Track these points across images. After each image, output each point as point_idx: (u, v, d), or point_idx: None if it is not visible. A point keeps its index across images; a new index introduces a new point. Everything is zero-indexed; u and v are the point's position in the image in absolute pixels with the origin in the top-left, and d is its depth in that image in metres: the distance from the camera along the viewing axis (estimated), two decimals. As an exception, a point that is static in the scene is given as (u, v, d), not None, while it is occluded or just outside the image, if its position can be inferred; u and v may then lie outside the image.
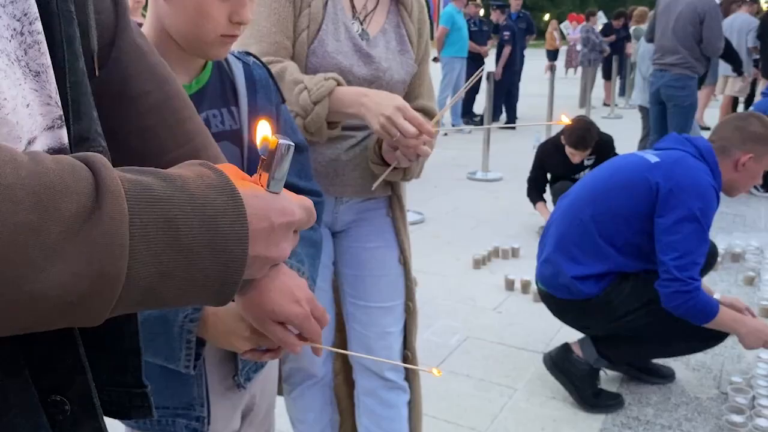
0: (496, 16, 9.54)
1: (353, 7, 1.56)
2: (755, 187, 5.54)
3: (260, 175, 0.61)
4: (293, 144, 0.61)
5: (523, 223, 4.84)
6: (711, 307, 2.30)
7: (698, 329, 2.39)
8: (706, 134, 2.68)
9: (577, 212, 2.53)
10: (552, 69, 8.49)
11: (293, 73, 1.43)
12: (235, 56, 1.17)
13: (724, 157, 2.42)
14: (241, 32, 1.05)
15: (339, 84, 1.43)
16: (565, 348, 2.59)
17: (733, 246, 4.11)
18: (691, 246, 2.29)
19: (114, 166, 0.51)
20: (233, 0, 1.00)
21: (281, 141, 0.60)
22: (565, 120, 1.27)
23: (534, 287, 3.50)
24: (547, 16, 30.03)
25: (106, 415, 0.64)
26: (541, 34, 17.37)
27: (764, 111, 5.46)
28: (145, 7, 5.87)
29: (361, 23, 1.56)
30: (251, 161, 1.11)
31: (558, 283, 2.51)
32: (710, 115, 9.15)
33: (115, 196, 0.47)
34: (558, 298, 2.55)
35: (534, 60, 12.75)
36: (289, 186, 1.20)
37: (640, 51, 5.84)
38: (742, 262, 3.98)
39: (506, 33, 9.43)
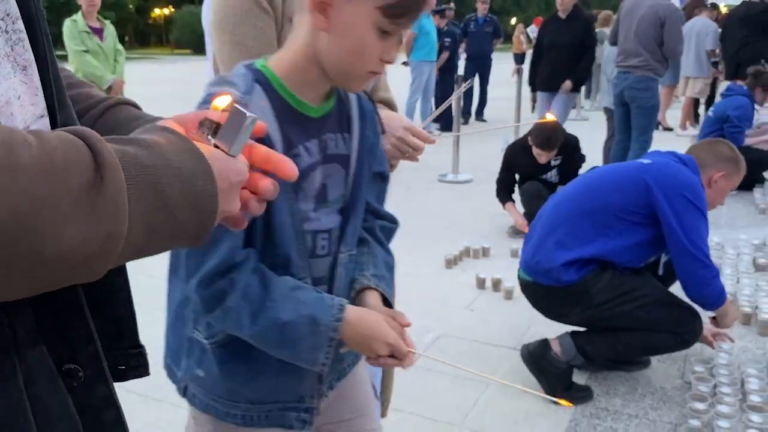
0: (437, 21, 9.65)
1: None
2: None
3: (203, 133, 0.67)
4: (257, 117, 0.68)
5: (493, 223, 4.93)
6: (724, 290, 2.55)
7: (666, 321, 2.54)
8: (668, 135, 2.84)
9: (570, 205, 2.68)
10: (519, 72, 8.63)
11: None
12: None
13: (701, 172, 2.60)
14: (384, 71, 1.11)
15: None
16: (545, 344, 2.66)
17: (695, 242, 4.23)
18: (700, 232, 2.49)
19: None
20: (390, 41, 1.04)
21: (249, 113, 0.67)
22: (550, 117, 1.38)
23: (505, 285, 3.59)
24: (513, 20, 30.39)
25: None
26: (508, 38, 17.57)
27: (724, 112, 5.65)
28: (99, 11, 5.79)
29: None
30: (355, 185, 1.17)
31: (541, 268, 2.61)
32: (671, 116, 9.38)
33: (113, 168, 0.53)
34: (539, 284, 2.65)
35: (501, 63, 12.90)
36: (372, 210, 1.28)
37: (604, 54, 5.99)
38: (704, 257, 4.11)
39: (447, 39, 9.56)
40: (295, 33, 1.08)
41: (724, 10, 11.93)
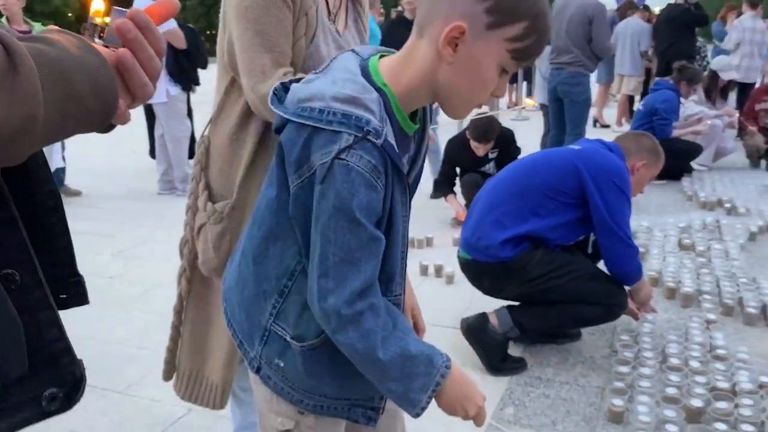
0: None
1: (328, 9, 1.64)
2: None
3: (89, 37, 0.75)
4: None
5: (436, 215, 5.07)
6: (641, 267, 2.81)
7: (595, 294, 2.71)
8: (605, 132, 3.04)
9: (506, 187, 2.84)
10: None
11: None
12: None
13: (626, 159, 2.81)
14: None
15: None
16: (483, 317, 2.80)
17: (626, 227, 4.46)
18: (624, 214, 2.68)
19: None
20: (504, 78, 1.08)
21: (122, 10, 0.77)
22: (530, 102, 1.50)
23: (446, 270, 3.73)
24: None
25: None
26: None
27: (652, 105, 5.93)
28: (36, 18, 5.64)
29: (334, 23, 1.65)
30: (412, 186, 1.21)
31: (480, 245, 2.76)
32: (607, 114, 9.73)
33: (24, 57, 0.61)
34: (477, 261, 2.79)
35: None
36: None
37: (539, 52, 6.21)
38: (635, 239, 4.33)
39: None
40: (413, 54, 1.09)
41: (656, 11, 12.43)
